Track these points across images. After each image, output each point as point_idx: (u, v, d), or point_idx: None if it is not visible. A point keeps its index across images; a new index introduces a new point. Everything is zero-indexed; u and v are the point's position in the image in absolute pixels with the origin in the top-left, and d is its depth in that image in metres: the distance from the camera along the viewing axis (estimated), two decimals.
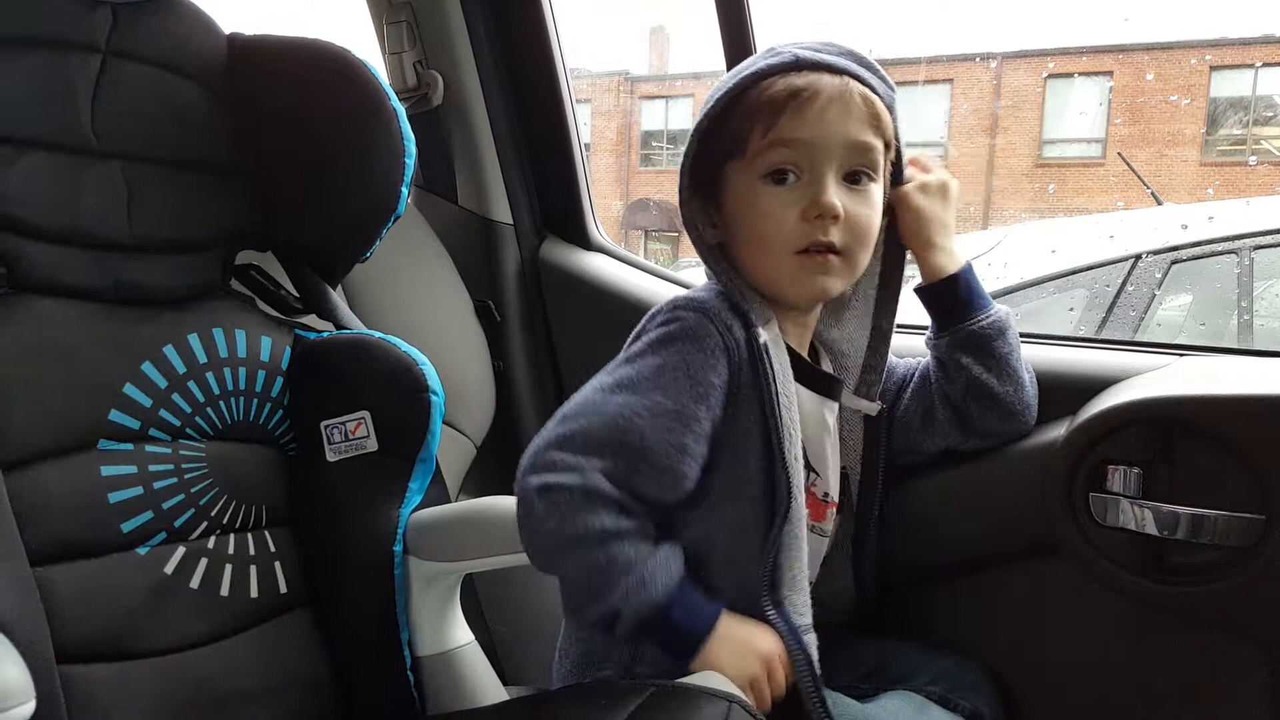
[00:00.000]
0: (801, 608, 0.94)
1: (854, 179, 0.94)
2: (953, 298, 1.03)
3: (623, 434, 0.87)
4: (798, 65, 0.93)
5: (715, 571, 0.93)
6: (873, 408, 1.05)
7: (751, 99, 0.93)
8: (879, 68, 0.97)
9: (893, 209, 1.02)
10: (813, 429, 1.00)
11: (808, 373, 1.00)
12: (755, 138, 0.93)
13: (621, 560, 0.86)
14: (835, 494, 1.04)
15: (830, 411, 1.02)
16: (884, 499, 1.07)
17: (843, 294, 1.04)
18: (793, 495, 0.91)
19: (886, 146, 0.96)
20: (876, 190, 0.95)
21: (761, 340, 0.92)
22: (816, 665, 0.93)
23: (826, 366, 1.06)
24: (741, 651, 0.89)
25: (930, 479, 1.09)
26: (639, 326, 0.96)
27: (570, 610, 0.91)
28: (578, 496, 0.86)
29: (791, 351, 0.98)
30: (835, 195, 0.92)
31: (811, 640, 0.94)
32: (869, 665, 1.05)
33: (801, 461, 0.95)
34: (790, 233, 0.93)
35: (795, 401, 0.95)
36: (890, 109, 0.96)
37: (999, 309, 1.04)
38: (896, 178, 1.01)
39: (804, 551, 0.94)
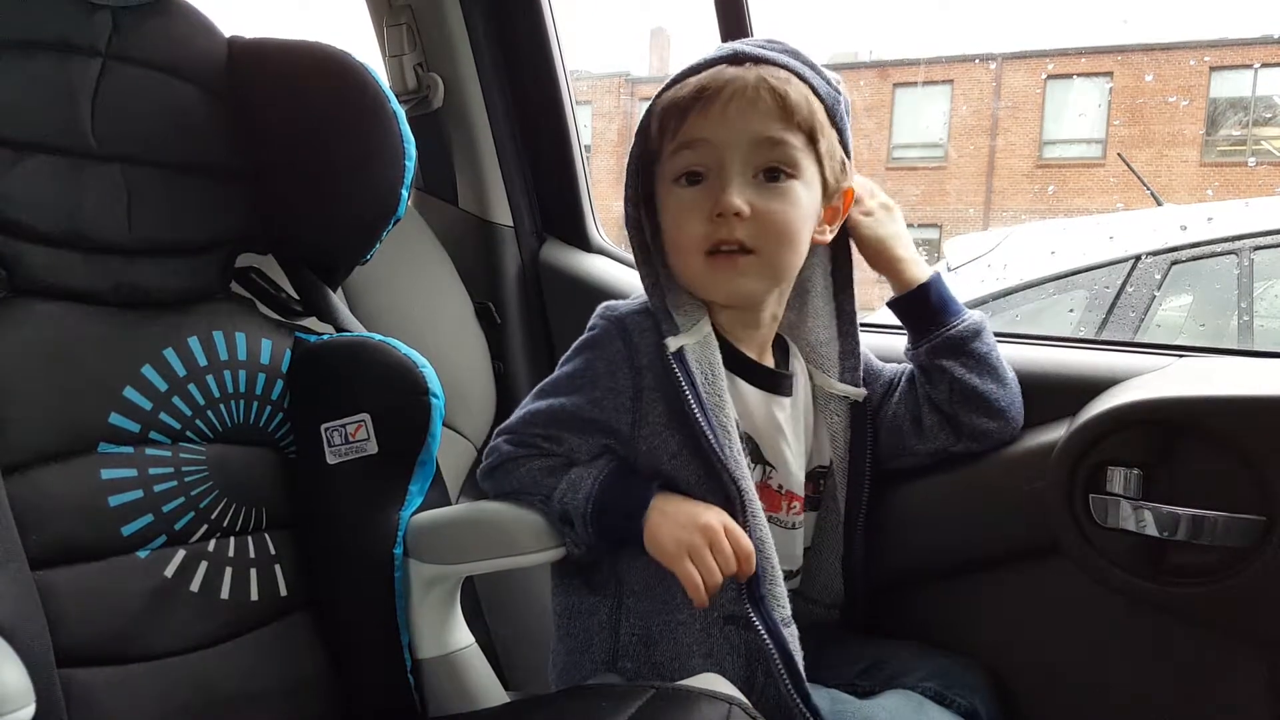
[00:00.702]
0: (781, 599, 0.95)
1: (773, 176, 0.94)
2: (925, 307, 1.04)
3: (526, 427, 1.01)
4: (724, 60, 0.94)
5: None
6: (858, 393, 1.06)
7: (665, 104, 0.95)
8: (819, 67, 0.97)
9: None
10: (763, 425, 1.01)
11: (751, 370, 1.01)
12: (667, 142, 0.95)
13: (547, 482, 0.98)
14: (799, 488, 1.04)
15: (780, 408, 1.02)
16: (872, 493, 1.07)
17: (804, 287, 1.06)
18: (741, 491, 0.93)
19: (813, 141, 0.95)
20: (799, 188, 0.95)
21: (673, 349, 0.94)
22: (797, 658, 0.94)
23: (798, 361, 1.07)
24: (681, 524, 0.92)
25: (931, 480, 1.09)
26: None
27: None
28: (505, 464, 1.02)
29: (732, 350, 0.99)
30: (740, 193, 0.92)
31: (792, 633, 0.95)
32: (864, 662, 1.06)
33: (744, 457, 0.96)
34: (697, 234, 0.94)
35: (726, 400, 0.96)
36: (831, 109, 0.95)
37: (972, 313, 1.05)
38: None
39: (769, 541, 0.95)
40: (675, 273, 0.99)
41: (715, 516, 0.92)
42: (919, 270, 1.04)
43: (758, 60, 0.94)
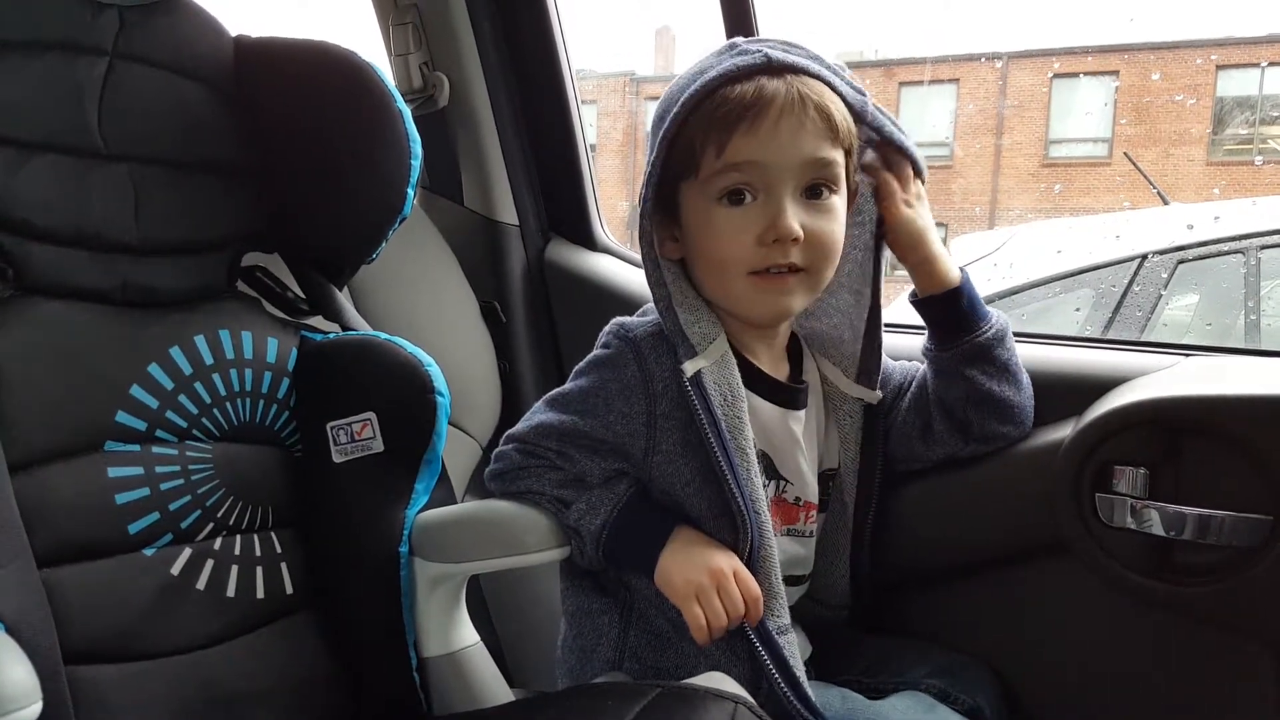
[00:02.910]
0: (778, 610, 0.95)
1: (814, 192, 0.92)
2: (956, 312, 1.00)
3: (538, 440, 0.99)
4: (761, 69, 0.90)
5: None
6: (874, 396, 1.04)
7: (705, 115, 0.90)
8: (842, 70, 0.95)
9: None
10: (780, 440, 1.01)
11: (768, 386, 1.00)
12: (708, 159, 0.91)
13: (560, 493, 0.98)
14: (814, 496, 1.04)
15: (796, 420, 1.02)
16: (880, 495, 1.07)
17: (834, 283, 1.02)
18: (751, 518, 0.92)
19: (849, 155, 0.94)
20: (838, 202, 0.94)
21: (690, 373, 0.92)
22: (796, 665, 0.94)
23: (811, 363, 1.06)
24: (692, 564, 0.92)
25: (937, 479, 1.09)
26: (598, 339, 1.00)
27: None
28: (514, 471, 1.01)
29: (749, 366, 0.98)
30: (794, 217, 0.90)
31: (790, 640, 0.95)
32: (870, 660, 1.06)
33: (759, 479, 0.95)
34: (747, 256, 0.92)
35: (745, 422, 0.95)
36: (860, 114, 0.94)
37: (998, 315, 1.02)
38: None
39: (775, 563, 0.95)
40: (707, 288, 0.97)
41: (726, 561, 0.92)
42: (947, 272, 1.00)
43: (794, 70, 0.91)
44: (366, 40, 1.41)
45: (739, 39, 0.95)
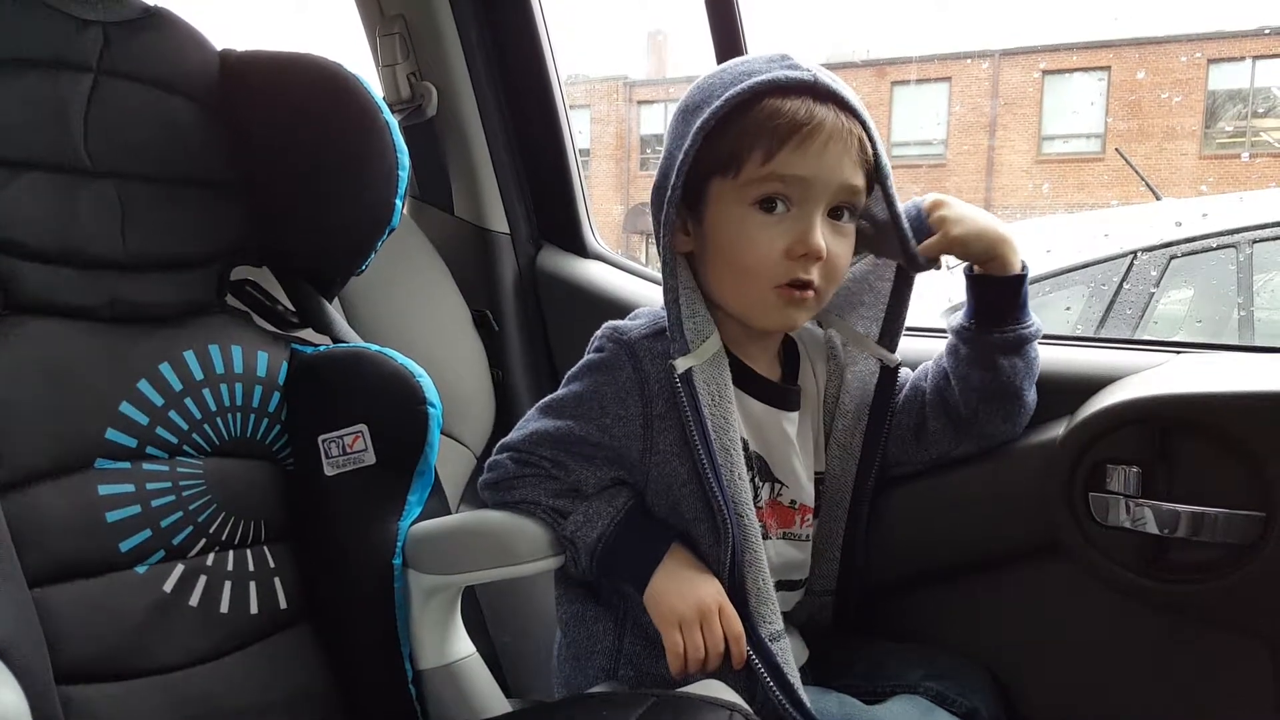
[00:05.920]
0: (769, 616, 0.95)
1: (836, 214, 0.94)
2: (1013, 298, 0.99)
3: (533, 448, 0.99)
4: (809, 88, 0.90)
5: None
6: (892, 359, 1.04)
7: (756, 120, 0.90)
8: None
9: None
10: (773, 440, 1.01)
11: (760, 386, 1.00)
12: (753, 164, 0.91)
13: (555, 503, 0.98)
14: (810, 500, 1.04)
15: (790, 422, 1.02)
16: (873, 498, 1.07)
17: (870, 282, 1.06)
18: (732, 519, 0.92)
19: (868, 189, 0.95)
20: (851, 227, 0.96)
21: (680, 370, 0.93)
22: (790, 670, 0.94)
23: (807, 370, 1.06)
24: (679, 591, 0.92)
25: (930, 481, 1.09)
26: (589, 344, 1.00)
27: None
28: (508, 480, 1.00)
29: (741, 366, 0.99)
30: (824, 236, 0.92)
31: (783, 646, 0.95)
32: (866, 663, 1.06)
33: (745, 481, 0.95)
34: (774, 267, 0.93)
35: (732, 423, 0.95)
36: (875, 145, 0.95)
37: (1035, 316, 1.02)
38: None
39: (763, 566, 0.95)
40: (720, 288, 0.97)
41: (712, 596, 0.92)
42: (1017, 256, 0.99)
43: (837, 99, 0.91)
44: (353, 52, 1.41)
45: (789, 53, 0.94)
